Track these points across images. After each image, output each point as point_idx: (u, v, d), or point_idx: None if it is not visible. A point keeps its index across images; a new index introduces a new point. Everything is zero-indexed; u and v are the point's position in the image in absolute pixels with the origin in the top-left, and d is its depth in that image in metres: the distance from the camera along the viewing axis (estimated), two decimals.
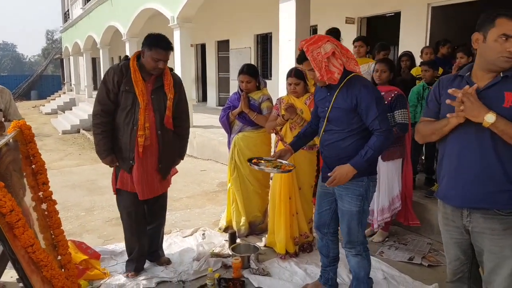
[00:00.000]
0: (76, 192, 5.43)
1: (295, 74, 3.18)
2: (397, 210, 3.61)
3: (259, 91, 3.58)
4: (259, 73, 3.66)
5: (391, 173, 3.54)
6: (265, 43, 11.05)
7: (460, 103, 1.69)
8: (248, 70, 3.51)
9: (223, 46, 12.76)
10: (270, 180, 3.61)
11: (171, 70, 2.98)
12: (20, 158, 1.99)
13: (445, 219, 1.98)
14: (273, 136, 3.56)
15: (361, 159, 2.22)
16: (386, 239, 3.69)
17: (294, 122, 3.17)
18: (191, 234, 3.75)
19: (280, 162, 2.62)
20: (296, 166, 3.22)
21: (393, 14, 7.32)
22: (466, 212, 1.85)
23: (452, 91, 1.75)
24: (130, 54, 13.35)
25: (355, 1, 7.77)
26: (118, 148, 2.85)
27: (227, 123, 3.68)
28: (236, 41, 11.86)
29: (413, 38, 6.74)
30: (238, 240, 3.53)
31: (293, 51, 5.07)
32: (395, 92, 3.44)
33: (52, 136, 11.99)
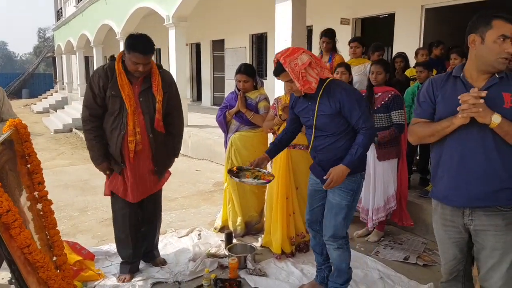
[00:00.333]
0: (69, 192, 5.38)
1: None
2: (392, 209, 3.63)
3: (256, 91, 3.58)
4: (256, 72, 3.65)
5: (387, 173, 3.55)
6: (260, 43, 11.05)
7: (472, 105, 1.67)
8: (245, 69, 3.50)
9: (218, 45, 12.73)
10: None
11: (160, 68, 2.85)
12: (15, 157, 1.96)
13: (443, 220, 1.97)
14: (270, 136, 3.56)
15: (352, 157, 2.32)
16: (382, 239, 3.71)
17: None
18: (186, 235, 3.73)
19: (259, 171, 2.65)
20: (293, 166, 3.24)
21: (387, 15, 7.36)
22: (468, 211, 1.86)
23: (466, 96, 1.70)
24: None
25: (350, 2, 7.80)
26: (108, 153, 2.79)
27: (224, 123, 3.67)
28: (231, 40, 11.85)
29: (407, 39, 6.78)
30: (234, 240, 3.52)
31: None
32: (392, 93, 3.46)
33: (44, 135, 11.87)
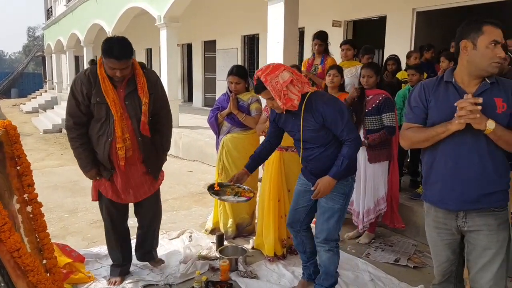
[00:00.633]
0: (59, 193, 5.32)
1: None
2: (382, 211, 3.66)
3: (248, 93, 3.58)
4: (248, 74, 3.65)
5: (377, 175, 3.58)
6: (252, 44, 11.06)
7: (469, 112, 1.68)
8: (237, 71, 3.50)
9: (209, 46, 12.71)
10: (259, 182, 3.60)
11: (144, 67, 2.75)
12: (5, 159, 1.94)
13: (436, 223, 2.00)
14: (262, 138, 3.56)
15: (338, 169, 2.35)
16: (372, 241, 3.73)
17: None
18: (177, 237, 3.71)
19: (238, 187, 2.68)
20: (285, 168, 3.25)
21: (379, 18, 7.41)
22: (462, 214, 1.89)
23: (463, 103, 1.71)
24: None
25: (342, 5, 7.84)
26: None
27: (215, 124, 3.66)
28: (223, 41, 11.83)
29: (398, 42, 6.84)
30: (225, 242, 3.52)
31: (281, 53, 5.09)
32: (383, 96, 3.48)
33: (33, 135, 11.72)
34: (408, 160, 4.77)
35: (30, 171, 2.06)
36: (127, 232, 3.03)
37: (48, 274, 1.99)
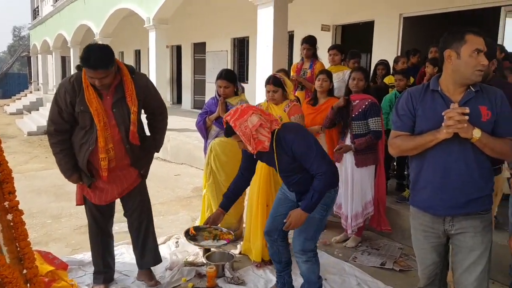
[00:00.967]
0: (42, 197, 5.22)
1: (273, 81, 3.20)
2: (370, 215, 3.68)
3: (237, 97, 3.55)
4: (237, 78, 3.63)
5: (364, 179, 3.59)
6: (242, 47, 11.06)
7: (457, 122, 1.73)
8: (226, 75, 3.48)
9: (199, 48, 12.67)
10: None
11: (132, 72, 2.66)
12: None
13: (423, 226, 2.03)
14: None
15: (309, 202, 2.34)
16: (359, 244, 3.74)
17: None
18: (164, 242, 3.66)
19: (215, 229, 2.67)
20: (273, 173, 3.22)
21: (367, 22, 7.47)
22: (449, 218, 1.94)
23: (451, 113, 1.74)
24: None
25: (330, 9, 7.89)
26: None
27: (203, 128, 3.64)
28: (213, 43, 11.80)
29: (386, 47, 6.91)
30: (212, 248, 3.48)
31: (270, 57, 5.10)
32: (369, 100, 3.51)
33: (17, 137, 11.51)
34: (395, 164, 4.80)
35: (11, 178, 1.99)
36: (111, 238, 2.98)
37: (28, 284, 1.93)
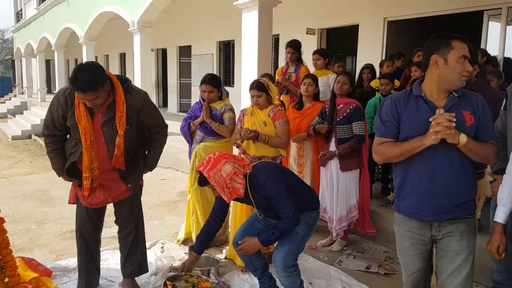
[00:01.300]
0: (27, 203, 5.14)
1: (257, 86, 3.21)
2: (354, 218, 3.71)
3: (221, 101, 3.56)
4: (221, 83, 3.64)
5: (349, 183, 3.63)
6: (227, 50, 11.05)
7: (445, 128, 1.72)
8: (210, 80, 3.48)
9: (185, 51, 12.62)
10: None
11: (128, 91, 2.58)
12: None
13: (410, 233, 2.01)
14: (235, 148, 3.56)
15: (268, 237, 2.41)
16: (345, 248, 3.77)
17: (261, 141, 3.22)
18: (149, 248, 3.63)
19: (191, 276, 2.68)
20: None
21: (352, 26, 7.55)
22: (436, 223, 1.94)
23: (440, 119, 1.75)
24: (87, 58, 12.62)
25: (315, 13, 7.95)
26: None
27: (188, 133, 3.63)
28: (199, 47, 11.78)
29: (371, 50, 6.99)
30: None
31: (256, 61, 5.10)
32: (354, 105, 3.55)
33: (1, 141, 11.35)
34: (379, 167, 4.85)
35: None
36: (97, 243, 2.95)
37: None
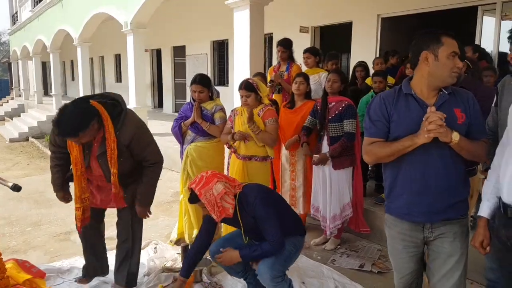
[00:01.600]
0: (23, 205, 5.14)
1: (245, 86, 3.22)
2: (348, 217, 3.69)
3: (212, 101, 3.55)
4: (212, 83, 3.63)
5: (342, 181, 3.61)
6: (221, 50, 11.04)
7: (439, 126, 1.69)
8: (200, 80, 3.48)
9: (179, 51, 12.61)
10: None
11: (118, 126, 2.44)
12: None
13: (402, 235, 1.97)
14: (226, 148, 3.56)
15: (249, 253, 2.43)
16: (338, 247, 3.76)
17: (251, 130, 3.19)
18: (142, 248, 3.62)
19: None
20: (249, 178, 3.25)
21: (345, 23, 7.54)
22: (428, 225, 1.89)
23: (433, 117, 1.70)
24: (82, 59, 12.53)
25: (309, 11, 7.94)
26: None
27: (179, 134, 3.64)
28: (193, 47, 11.77)
29: (365, 47, 6.98)
30: None
31: (248, 60, 5.09)
32: (346, 103, 3.55)
33: None
34: (373, 165, 4.84)
35: None
36: (99, 243, 2.97)
37: None
